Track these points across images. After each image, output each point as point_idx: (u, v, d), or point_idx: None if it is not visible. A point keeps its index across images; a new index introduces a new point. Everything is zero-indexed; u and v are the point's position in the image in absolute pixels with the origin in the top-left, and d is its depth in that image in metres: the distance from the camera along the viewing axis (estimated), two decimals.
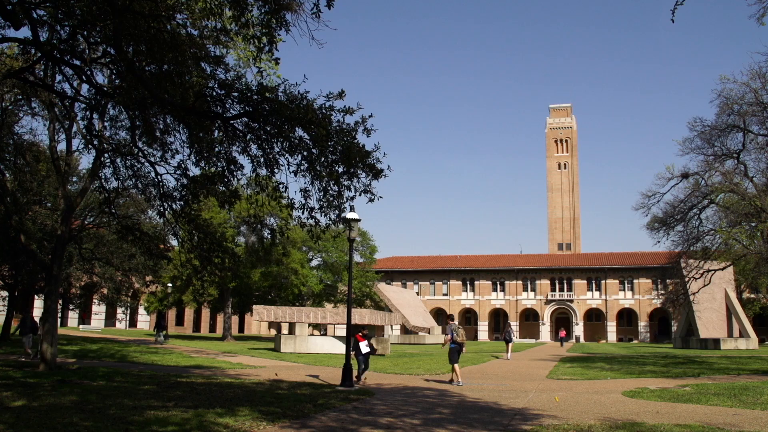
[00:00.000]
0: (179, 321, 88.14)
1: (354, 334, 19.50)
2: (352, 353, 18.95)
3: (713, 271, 32.95)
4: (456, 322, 21.68)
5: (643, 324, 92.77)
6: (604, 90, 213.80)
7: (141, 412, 11.47)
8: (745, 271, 54.53)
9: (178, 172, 16.62)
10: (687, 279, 33.98)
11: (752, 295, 77.96)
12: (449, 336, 19.84)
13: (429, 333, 67.68)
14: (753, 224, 28.81)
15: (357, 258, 71.31)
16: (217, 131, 14.12)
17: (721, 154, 29.68)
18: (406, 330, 71.49)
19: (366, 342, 19.41)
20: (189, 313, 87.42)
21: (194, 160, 15.19)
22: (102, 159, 20.26)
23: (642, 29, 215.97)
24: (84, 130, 19.96)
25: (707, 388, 18.24)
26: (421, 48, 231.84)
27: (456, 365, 19.52)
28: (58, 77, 17.96)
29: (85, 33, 13.72)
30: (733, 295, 61.41)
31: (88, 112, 18.18)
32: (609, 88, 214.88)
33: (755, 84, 26.27)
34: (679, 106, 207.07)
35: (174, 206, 17.99)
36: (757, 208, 26.84)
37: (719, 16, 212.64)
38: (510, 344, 36.55)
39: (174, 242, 30.63)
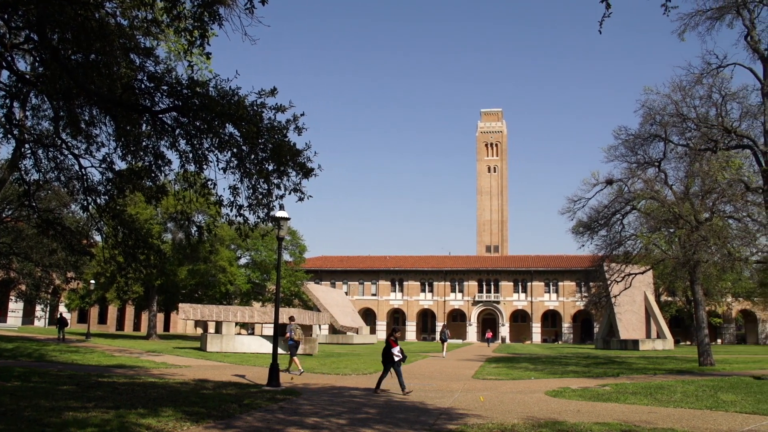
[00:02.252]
0: (102, 319, 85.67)
1: (387, 337, 17.76)
2: (384, 360, 17.31)
3: (634, 275, 34.05)
4: (296, 322, 24.01)
5: (566, 325, 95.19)
6: (534, 98, 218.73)
7: (58, 413, 11.09)
8: (663, 275, 56.65)
9: (103, 165, 16.12)
10: (609, 282, 34.98)
11: (669, 298, 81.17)
12: (288, 334, 22.56)
13: (357, 333, 67.74)
14: (671, 230, 29.90)
15: (286, 257, 70.70)
16: (144, 125, 13.77)
17: (643, 162, 30.63)
18: (334, 330, 71.30)
19: (399, 348, 17.31)
20: (112, 311, 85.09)
21: (120, 154, 14.78)
22: (22, 150, 19.44)
23: (574, 39, 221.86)
24: (3, 119, 19.15)
25: (626, 388, 18.88)
26: (353, 49, 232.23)
27: (295, 358, 22.44)
28: None
29: (6, 16, 13.16)
30: (651, 298, 63.76)
31: (7, 100, 17.43)
32: (539, 97, 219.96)
33: (676, 96, 27.29)
34: (606, 115, 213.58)
35: (98, 201, 17.42)
36: (675, 214, 27.88)
37: (647, 30, 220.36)
38: (446, 343, 40.94)
39: (98, 238, 29.73)
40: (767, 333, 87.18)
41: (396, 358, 17.09)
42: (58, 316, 46.43)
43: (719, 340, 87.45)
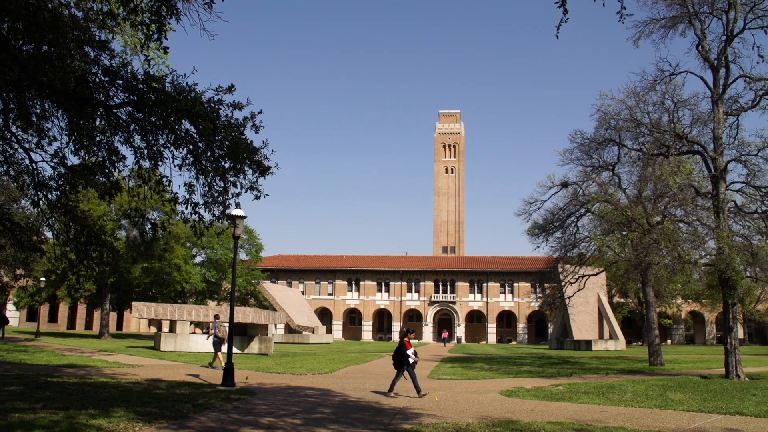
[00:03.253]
0: (53, 318, 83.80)
1: (401, 338, 17.27)
2: (393, 362, 16.98)
3: (587, 277, 34.56)
4: (221, 320, 26.41)
5: (521, 326, 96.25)
6: (492, 100, 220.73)
7: (4, 415, 10.80)
8: (616, 276, 57.70)
9: (55, 160, 15.75)
10: (563, 283, 35.43)
11: (622, 300, 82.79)
12: (213, 330, 25.30)
13: (313, 332, 67.51)
14: (624, 233, 30.44)
15: (242, 255, 70.05)
16: (98, 119, 13.49)
17: (598, 166, 31.07)
18: (290, 329, 70.87)
19: (413, 349, 16.87)
20: (63, 309, 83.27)
21: (73, 149, 14.45)
22: None
23: (532, 42, 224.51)
24: None
25: (578, 387, 19.19)
26: (311, 48, 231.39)
27: (219, 353, 24.41)
28: None
29: None
30: (604, 299, 64.94)
31: None
32: (497, 99, 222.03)
33: (630, 102, 27.74)
34: (563, 118, 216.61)
35: (49, 196, 17.01)
36: (628, 217, 28.39)
37: (605, 34, 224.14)
38: None
39: (48, 234, 29.04)
40: (715, 334, 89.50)
41: (411, 360, 16.81)
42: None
43: (669, 341, 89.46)
